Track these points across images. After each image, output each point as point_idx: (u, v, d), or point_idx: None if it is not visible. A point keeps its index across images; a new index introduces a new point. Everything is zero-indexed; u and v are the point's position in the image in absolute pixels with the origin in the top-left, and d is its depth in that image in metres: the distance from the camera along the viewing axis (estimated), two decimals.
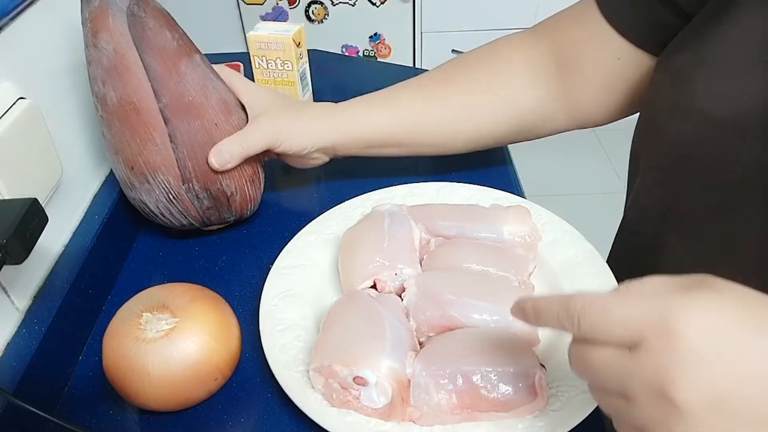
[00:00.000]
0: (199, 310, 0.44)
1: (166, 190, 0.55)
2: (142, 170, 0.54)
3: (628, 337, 0.28)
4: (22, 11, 0.49)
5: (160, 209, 0.56)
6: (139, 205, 0.57)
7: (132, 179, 0.55)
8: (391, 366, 0.42)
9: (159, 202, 0.56)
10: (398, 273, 0.51)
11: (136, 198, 0.56)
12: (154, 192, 0.55)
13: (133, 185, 0.55)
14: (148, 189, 0.55)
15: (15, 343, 0.45)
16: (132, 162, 0.54)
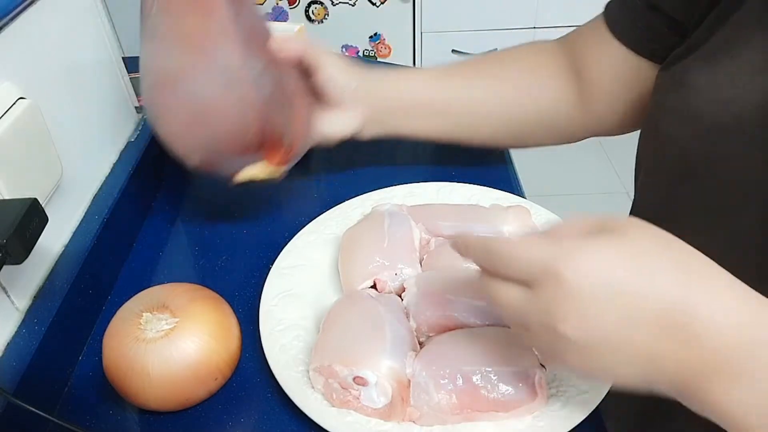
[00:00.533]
0: (199, 310, 0.44)
1: (227, 64, 0.48)
2: (201, 42, 0.48)
3: (525, 276, 0.31)
4: (22, 11, 0.49)
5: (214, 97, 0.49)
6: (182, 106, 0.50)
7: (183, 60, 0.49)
8: (391, 366, 0.42)
9: (215, 86, 0.49)
10: (398, 273, 0.51)
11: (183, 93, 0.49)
12: (209, 73, 0.49)
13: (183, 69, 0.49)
14: (202, 69, 0.49)
15: (15, 343, 0.45)
16: (186, 35, 0.49)
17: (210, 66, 0.48)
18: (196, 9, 0.48)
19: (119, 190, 0.60)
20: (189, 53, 0.49)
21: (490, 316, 0.46)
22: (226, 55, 0.48)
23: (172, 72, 0.49)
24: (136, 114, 0.71)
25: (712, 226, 0.45)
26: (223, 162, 0.52)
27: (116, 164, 0.64)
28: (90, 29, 0.61)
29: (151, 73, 0.51)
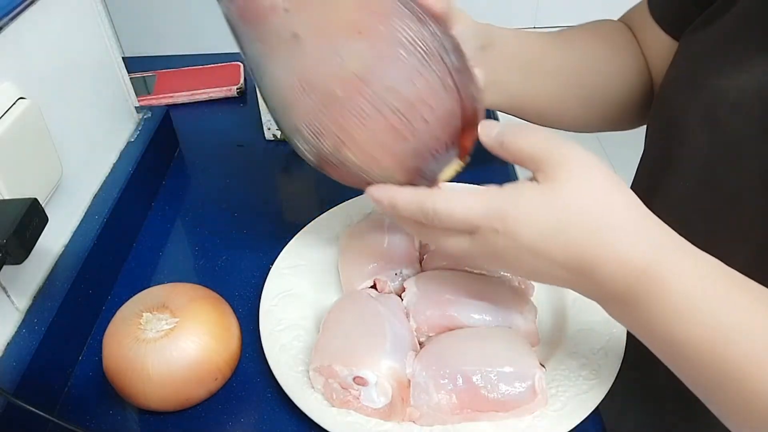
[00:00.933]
0: (199, 310, 0.44)
1: (412, 42, 0.37)
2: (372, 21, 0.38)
3: (467, 228, 0.36)
4: (22, 11, 0.49)
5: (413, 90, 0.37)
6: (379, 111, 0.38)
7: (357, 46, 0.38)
8: (391, 366, 0.42)
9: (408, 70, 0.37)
10: (398, 273, 0.51)
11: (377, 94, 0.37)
12: (393, 53, 0.37)
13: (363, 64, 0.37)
14: (386, 51, 0.37)
15: (15, 343, 0.45)
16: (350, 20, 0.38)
17: (397, 49, 0.37)
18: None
19: (119, 190, 0.60)
20: (364, 43, 0.37)
21: (490, 315, 0.46)
22: (408, 30, 0.38)
23: (348, 75, 0.37)
24: (136, 114, 0.71)
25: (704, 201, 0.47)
26: (429, 165, 0.40)
27: (116, 164, 0.64)
28: (90, 29, 0.61)
29: (311, 89, 0.38)
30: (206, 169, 0.73)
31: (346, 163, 0.39)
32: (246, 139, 0.77)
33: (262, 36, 0.39)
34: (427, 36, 0.38)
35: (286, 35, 0.38)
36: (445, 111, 0.38)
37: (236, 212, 0.66)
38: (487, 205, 0.35)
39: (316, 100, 0.38)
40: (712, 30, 0.46)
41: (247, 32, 0.40)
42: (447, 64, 0.38)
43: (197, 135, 0.79)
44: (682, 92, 0.47)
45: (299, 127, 0.40)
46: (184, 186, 0.71)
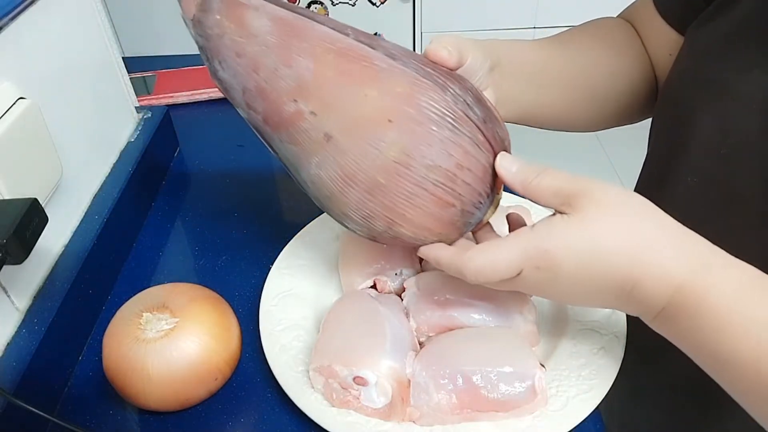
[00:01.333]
0: (199, 310, 0.44)
1: (440, 113, 0.38)
2: (399, 105, 0.38)
3: (512, 275, 0.38)
4: (22, 11, 0.49)
5: (451, 161, 0.39)
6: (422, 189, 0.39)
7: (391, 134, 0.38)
8: (391, 366, 0.42)
9: (444, 144, 0.38)
10: (398, 273, 0.51)
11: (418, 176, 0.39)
12: (426, 131, 0.38)
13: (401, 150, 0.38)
14: (420, 132, 0.38)
15: (15, 343, 0.45)
16: (378, 111, 0.39)
17: (429, 126, 0.38)
18: (363, 80, 0.39)
19: (119, 190, 0.60)
20: (396, 130, 0.38)
21: (490, 316, 0.46)
22: (433, 102, 0.38)
23: (388, 163, 0.38)
24: (136, 114, 0.71)
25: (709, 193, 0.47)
26: (475, 217, 0.42)
27: (116, 164, 0.64)
28: (90, 29, 0.61)
29: (354, 181, 0.40)
30: (206, 169, 0.73)
31: (400, 237, 0.41)
32: (246, 139, 0.77)
33: (292, 138, 0.41)
34: (450, 101, 0.39)
35: (318, 136, 0.40)
36: (482, 167, 0.40)
37: (236, 212, 0.66)
38: (524, 248, 0.37)
39: (360, 190, 0.40)
40: (718, 25, 0.47)
41: (275, 135, 0.42)
42: (474, 121, 0.39)
43: (197, 135, 0.79)
44: (688, 87, 0.48)
45: (347, 213, 0.42)
46: (184, 186, 0.71)
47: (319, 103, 0.39)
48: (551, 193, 0.38)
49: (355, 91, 0.39)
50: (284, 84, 0.39)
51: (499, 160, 0.40)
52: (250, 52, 0.40)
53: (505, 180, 0.40)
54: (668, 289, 0.35)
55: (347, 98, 0.39)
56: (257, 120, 0.42)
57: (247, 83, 0.40)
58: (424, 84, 0.39)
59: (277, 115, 0.40)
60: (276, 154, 0.44)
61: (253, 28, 0.40)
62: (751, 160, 0.43)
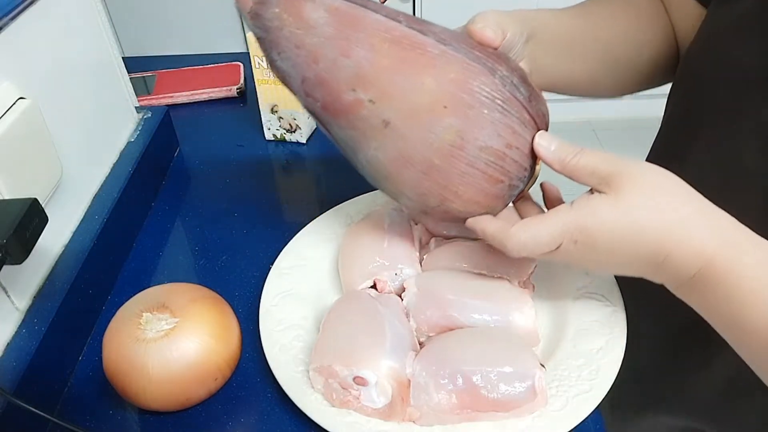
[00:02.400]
0: (199, 310, 0.44)
1: (491, 96, 0.41)
2: (453, 91, 0.40)
3: (551, 248, 0.41)
4: (22, 11, 0.49)
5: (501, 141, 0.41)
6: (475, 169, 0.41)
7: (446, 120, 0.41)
8: (391, 366, 0.42)
9: (495, 126, 0.41)
10: (398, 273, 0.51)
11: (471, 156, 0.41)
12: (478, 115, 0.40)
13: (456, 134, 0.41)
14: (473, 116, 0.40)
15: (15, 343, 0.45)
16: (434, 98, 0.40)
17: (481, 110, 0.40)
18: (419, 68, 0.41)
19: (119, 190, 0.60)
20: (452, 116, 0.40)
21: (490, 315, 0.46)
22: (484, 86, 0.41)
23: (443, 146, 0.41)
24: (136, 114, 0.71)
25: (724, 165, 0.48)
26: (519, 189, 0.44)
27: (116, 164, 0.64)
28: (90, 29, 0.61)
29: (411, 163, 0.42)
30: (206, 169, 0.73)
31: (450, 212, 0.44)
32: (246, 139, 0.78)
33: (351, 124, 0.43)
34: (499, 84, 0.41)
35: (377, 123, 0.42)
36: (527, 144, 0.42)
37: (236, 212, 0.66)
38: (564, 224, 0.40)
39: (416, 171, 0.42)
40: (739, 4, 0.47)
41: (333, 121, 0.44)
42: (521, 100, 0.42)
43: (197, 135, 0.79)
44: (704, 65, 0.49)
45: (402, 191, 0.44)
46: (184, 186, 0.71)
47: (377, 92, 0.41)
48: (588, 172, 0.40)
49: (412, 79, 0.40)
50: (343, 74, 0.41)
51: (537, 140, 0.42)
52: (309, 44, 0.41)
53: (543, 158, 0.42)
54: (697, 261, 0.37)
55: (404, 87, 0.41)
56: (315, 107, 0.43)
57: (307, 73, 0.42)
58: (475, 68, 0.41)
59: (337, 103, 0.42)
60: (332, 137, 0.45)
61: (311, 20, 0.41)
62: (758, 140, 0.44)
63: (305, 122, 0.75)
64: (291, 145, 0.77)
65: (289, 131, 0.76)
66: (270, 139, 0.77)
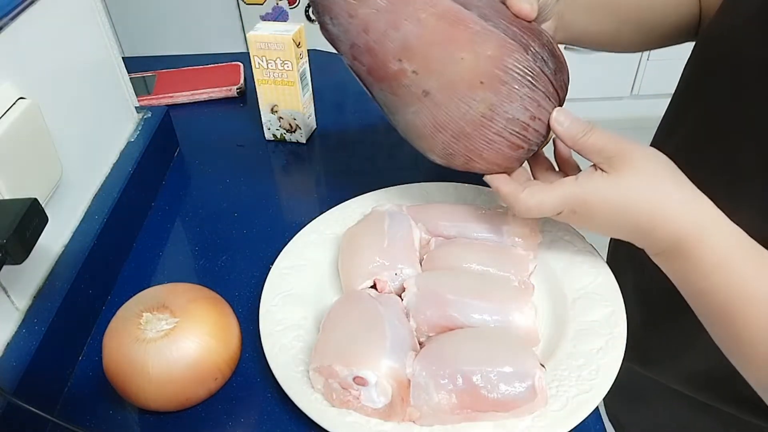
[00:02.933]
0: (199, 310, 0.44)
1: (522, 73, 0.44)
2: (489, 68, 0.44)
3: (553, 214, 0.46)
4: (22, 11, 0.49)
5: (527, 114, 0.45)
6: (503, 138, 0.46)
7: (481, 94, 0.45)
8: (391, 366, 0.42)
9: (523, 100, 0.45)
10: (398, 273, 0.51)
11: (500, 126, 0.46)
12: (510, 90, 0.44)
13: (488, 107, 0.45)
14: (505, 91, 0.44)
15: (15, 343, 0.45)
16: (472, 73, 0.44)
17: (512, 86, 0.44)
18: (460, 44, 0.44)
19: (119, 190, 0.60)
20: (486, 91, 0.44)
21: (490, 315, 0.46)
22: (518, 64, 0.44)
23: (476, 117, 0.45)
24: (136, 114, 0.71)
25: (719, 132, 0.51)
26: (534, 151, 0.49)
27: (116, 164, 0.64)
28: (90, 29, 0.61)
29: (443, 128, 0.46)
30: (206, 169, 0.73)
31: (472, 170, 0.49)
32: (246, 139, 0.78)
33: (392, 89, 0.47)
34: (531, 60, 0.45)
35: (417, 92, 0.46)
36: (548, 115, 0.46)
37: (236, 212, 0.66)
38: (567, 195, 0.45)
39: (448, 135, 0.47)
40: None
41: (376, 85, 0.48)
42: (548, 75, 0.45)
43: (197, 135, 0.79)
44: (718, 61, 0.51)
45: (432, 150, 0.49)
46: (184, 186, 0.71)
47: (420, 64, 0.45)
48: (595, 150, 0.44)
49: (453, 54, 0.44)
50: (391, 45, 0.45)
51: (554, 115, 0.46)
52: (361, 14, 0.44)
53: (557, 134, 0.46)
54: (673, 235, 0.43)
55: (446, 61, 0.44)
56: (361, 70, 0.47)
57: (357, 40, 0.45)
58: (511, 46, 0.44)
59: (382, 71, 0.46)
60: (372, 97, 0.50)
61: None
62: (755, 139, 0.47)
63: (305, 122, 0.75)
64: (291, 145, 0.77)
65: (289, 131, 0.76)
66: (270, 139, 0.77)
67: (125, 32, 1.91)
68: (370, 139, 0.78)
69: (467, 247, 0.52)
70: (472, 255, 0.51)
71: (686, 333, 0.58)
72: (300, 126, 0.75)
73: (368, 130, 0.80)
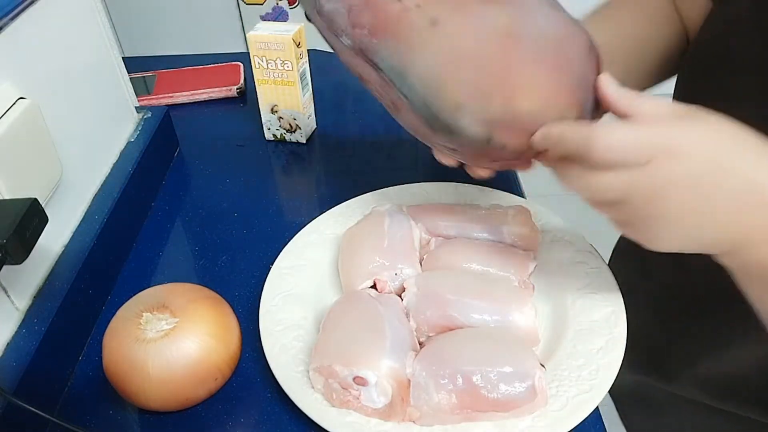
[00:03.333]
0: (199, 310, 0.44)
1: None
2: None
3: (641, 159, 0.34)
4: (22, 11, 0.49)
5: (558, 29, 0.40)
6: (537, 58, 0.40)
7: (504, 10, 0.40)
8: (391, 366, 0.42)
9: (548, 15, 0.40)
10: (398, 273, 0.51)
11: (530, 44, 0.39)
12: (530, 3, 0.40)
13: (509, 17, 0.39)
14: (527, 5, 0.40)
15: (15, 343, 0.45)
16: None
17: None
18: None
19: (119, 190, 0.60)
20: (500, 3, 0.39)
21: (490, 315, 0.46)
22: None
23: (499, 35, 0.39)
24: (136, 114, 0.71)
25: None
26: (589, 102, 0.41)
27: (116, 164, 0.64)
28: (90, 29, 0.61)
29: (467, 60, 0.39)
30: (206, 169, 0.73)
31: (520, 115, 0.39)
32: (246, 139, 0.78)
33: (398, 37, 0.41)
34: None
35: (425, 24, 0.40)
36: (583, 45, 0.40)
37: (236, 212, 0.66)
38: (658, 131, 0.35)
39: (474, 68, 0.39)
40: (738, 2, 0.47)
41: (381, 45, 0.42)
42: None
43: (197, 135, 0.79)
44: (712, 64, 0.49)
45: (462, 101, 0.40)
46: (184, 186, 0.71)
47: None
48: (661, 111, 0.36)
49: None
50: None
51: (603, 78, 0.39)
52: None
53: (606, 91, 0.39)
54: None
55: None
56: (363, 37, 0.42)
57: (352, 1, 0.42)
58: None
59: (383, 19, 0.41)
60: (380, 71, 0.43)
61: None
62: None
63: (305, 122, 0.75)
64: (291, 145, 0.77)
65: (289, 131, 0.76)
66: (270, 139, 0.77)
67: (125, 32, 1.91)
68: (370, 139, 0.78)
69: (467, 247, 0.53)
70: (472, 255, 0.51)
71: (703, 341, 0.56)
72: (300, 126, 0.75)
73: (368, 130, 0.80)
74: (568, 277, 0.52)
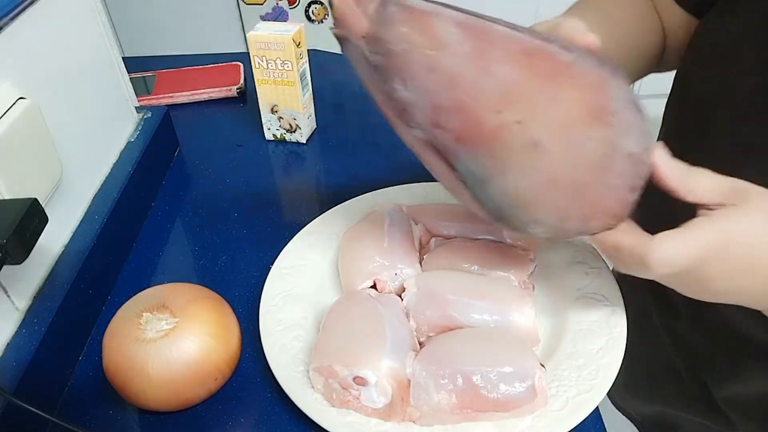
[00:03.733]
0: (199, 310, 0.44)
1: (627, 99, 0.38)
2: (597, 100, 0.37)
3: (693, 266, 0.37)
4: (22, 11, 0.49)
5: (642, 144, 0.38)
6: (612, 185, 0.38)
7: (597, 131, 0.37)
8: (391, 366, 0.42)
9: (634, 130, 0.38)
10: (398, 273, 0.51)
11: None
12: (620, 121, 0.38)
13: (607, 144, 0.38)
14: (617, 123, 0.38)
15: (15, 343, 0.45)
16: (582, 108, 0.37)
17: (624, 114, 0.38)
18: (561, 79, 0.37)
19: (119, 190, 0.60)
20: (601, 126, 0.37)
21: (490, 315, 0.46)
22: (618, 90, 0.38)
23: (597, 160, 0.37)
24: (136, 114, 0.71)
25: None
26: None
27: (116, 164, 0.64)
28: (90, 29, 0.61)
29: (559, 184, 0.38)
30: (206, 169, 0.73)
31: (590, 232, 0.40)
32: (246, 139, 0.78)
33: (491, 152, 0.37)
34: (625, 85, 0.38)
35: (525, 144, 0.37)
36: (652, 150, 0.39)
37: (236, 212, 0.66)
38: (707, 233, 0.36)
39: (563, 192, 0.38)
40: (738, 21, 0.47)
41: (468, 152, 0.38)
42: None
43: (197, 135, 0.79)
44: (709, 84, 0.49)
45: (539, 219, 0.39)
46: (184, 186, 0.71)
47: (525, 111, 0.36)
48: (708, 188, 0.37)
49: (557, 92, 0.37)
50: (486, 95, 0.36)
51: (658, 152, 0.39)
52: (444, 65, 0.36)
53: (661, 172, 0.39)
54: None
55: (550, 101, 0.37)
56: (444, 139, 0.38)
57: (441, 100, 0.37)
58: (604, 73, 0.38)
59: (477, 130, 0.37)
60: (455, 171, 0.39)
61: (444, 37, 0.36)
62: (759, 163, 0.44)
63: (305, 122, 0.75)
64: (291, 145, 0.77)
65: (289, 131, 0.76)
66: (270, 139, 0.77)
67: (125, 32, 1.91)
68: (370, 139, 0.78)
69: (467, 247, 0.52)
70: (472, 255, 0.51)
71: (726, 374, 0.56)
72: (300, 126, 0.75)
73: (368, 130, 0.80)
74: (568, 277, 0.52)
